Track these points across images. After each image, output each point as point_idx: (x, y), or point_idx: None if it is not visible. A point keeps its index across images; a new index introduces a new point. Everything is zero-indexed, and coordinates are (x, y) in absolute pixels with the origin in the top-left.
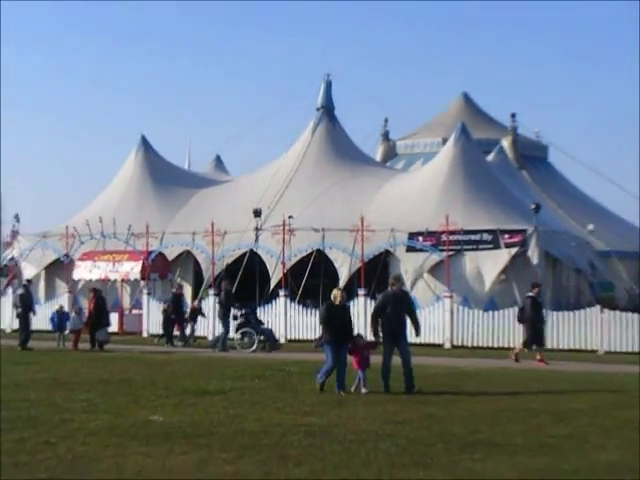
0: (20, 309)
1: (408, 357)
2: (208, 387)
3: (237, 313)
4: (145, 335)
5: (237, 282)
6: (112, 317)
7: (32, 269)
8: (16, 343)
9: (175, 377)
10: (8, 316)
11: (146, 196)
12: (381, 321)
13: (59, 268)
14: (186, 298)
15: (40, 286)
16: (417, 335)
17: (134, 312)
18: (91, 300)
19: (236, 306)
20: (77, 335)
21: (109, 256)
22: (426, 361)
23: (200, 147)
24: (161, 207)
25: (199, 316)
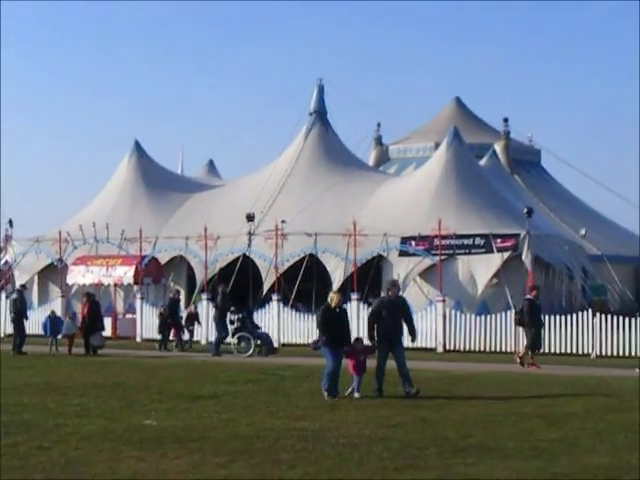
0: (13, 314)
1: (403, 361)
2: (201, 391)
3: (234, 317)
4: (139, 340)
5: (230, 287)
6: (105, 322)
7: (24, 275)
8: (10, 348)
9: (169, 381)
10: (2, 321)
11: (139, 201)
12: (377, 326)
13: (52, 273)
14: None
15: (33, 291)
16: (413, 341)
17: (127, 317)
18: (85, 305)
19: (232, 310)
20: (71, 340)
21: (102, 261)
22: (419, 365)
23: (193, 152)
24: (154, 212)
25: (196, 322)
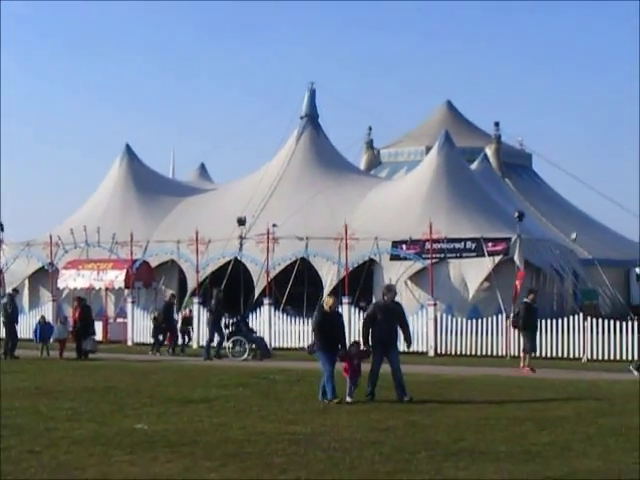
0: (4, 318)
1: (398, 366)
2: (192, 395)
3: (228, 321)
4: (130, 344)
5: (219, 289)
6: (96, 326)
7: (15, 279)
8: (1, 352)
9: (160, 385)
10: None
11: (130, 204)
12: (372, 330)
13: (43, 277)
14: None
15: (24, 295)
16: (409, 347)
17: (118, 321)
18: (76, 309)
19: (225, 315)
20: (62, 344)
21: (93, 265)
22: (410, 369)
23: (184, 155)
24: (145, 215)
25: (190, 326)
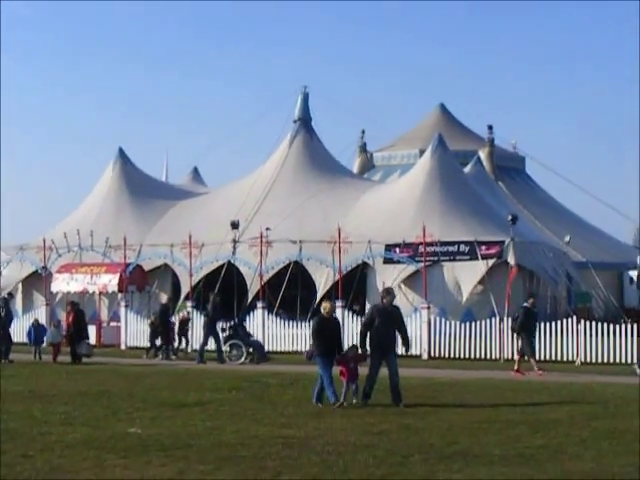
0: None
1: (395, 370)
2: (186, 399)
3: (226, 325)
4: (123, 347)
5: (213, 293)
6: (90, 329)
7: (8, 284)
8: None
9: (153, 389)
10: None
11: (124, 208)
12: (370, 334)
13: (37, 281)
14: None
15: (17, 299)
16: (406, 352)
17: (112, 324)
18: (69, 313)
19: (221, 319)
20: (56, 348)
21: (87, 268)
22: (404, 372)
23: (177, 159)
24: (139, 219)
25: (188, 329)
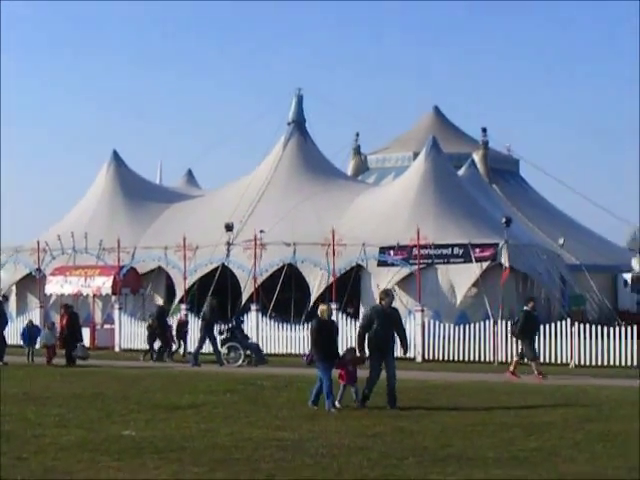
0: None
1: (393, 373)
2: (180, 401)
3: (223, 328)
4: (117, 350)
5: (209, 296)
6: (84, 332)
7: (2, 286)
8: None
9: (147, 392)
10: None
11: (118, 211)
12: (368, 336)
13: (31, 283)
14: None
15: (11, 301)
16: (405, 353)
17: (106, 327)
18: (63, 316)
19: (219, 322)
20: (50, 350)
21: (81, 271)
22: (398, 375)
23: (172, 161)
24: (133, 222)
25: (186, 331)
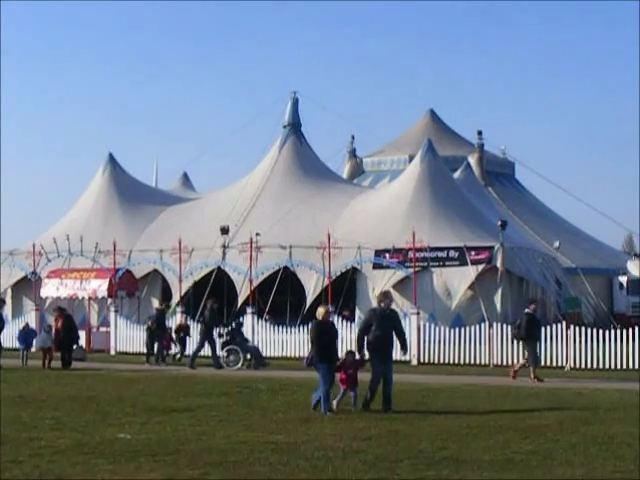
0: None
1: (390, 375)
2: (176, 404)
3: (223, 331)
4: (113, 353)
5: (204, 299)
6: (79, 335)
7: None
8: None
9: (143, 394)
10: None
11: (113, 213)
12: (367, 338)
13: (26, 286)
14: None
15: (7, 304)
16: (405, 354)
17: (102, 330)
18: (57, 319)
19: (219, 325)
20: (47, 353)
21: (76, 274)
22: (393, 378)
23: (167, 164)
24: (128, 224)
25: (187, 335)
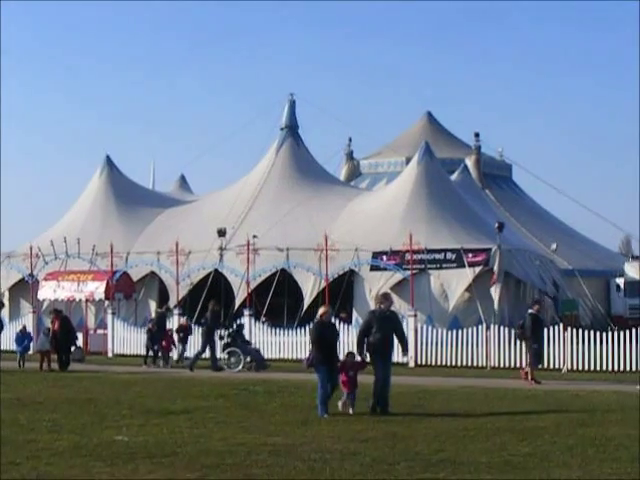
0: None
1: (388, 377)
2: (173, 407)
3: (224, 333)
4: (110, 355)
5: (202, 301)
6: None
7: None
8: None
9: (140, 397)
10: None
11: (110, 216)
12: (367, 340)
13: (23, 288)
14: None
15: (5, 306)
16: (405, 355)
17: (99, 332)
18: (54, 321)
19: (219, 328)
20: (45, 356)
21: (73, 276)
22: (391, 380)
23: (164, 166)
24: (125, 227)
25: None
